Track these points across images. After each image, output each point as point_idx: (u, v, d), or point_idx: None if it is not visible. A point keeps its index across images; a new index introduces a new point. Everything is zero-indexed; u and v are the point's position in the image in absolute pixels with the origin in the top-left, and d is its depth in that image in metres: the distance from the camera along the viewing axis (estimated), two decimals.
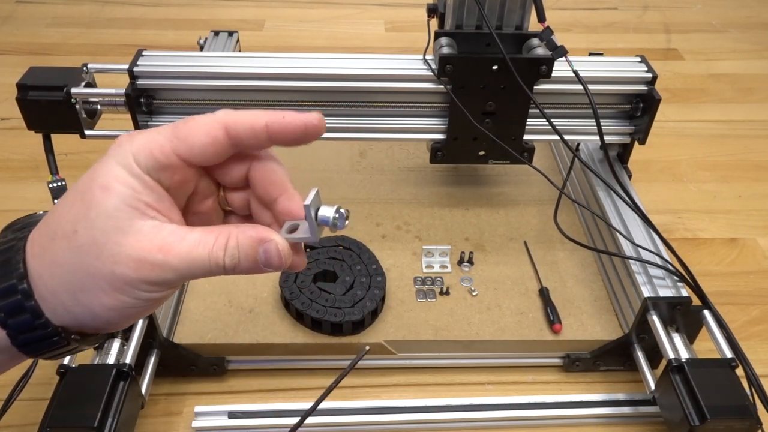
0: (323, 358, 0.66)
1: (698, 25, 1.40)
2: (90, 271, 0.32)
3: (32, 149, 0.94)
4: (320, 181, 0.84)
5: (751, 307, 0.75)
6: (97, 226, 0.32)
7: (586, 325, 0.67)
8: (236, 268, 0.33)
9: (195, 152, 0.33)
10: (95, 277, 0.32)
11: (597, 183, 0.77)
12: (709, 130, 1.07)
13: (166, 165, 0.33)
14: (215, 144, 0.33)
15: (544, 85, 0.70)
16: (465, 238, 0.77)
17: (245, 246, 0.33)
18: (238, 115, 0.33)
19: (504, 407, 0.62)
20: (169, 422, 0.61)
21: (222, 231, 0.33)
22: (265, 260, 0.33)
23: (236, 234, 0.33)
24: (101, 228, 0.32)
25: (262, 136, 0.34)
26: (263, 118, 0.33)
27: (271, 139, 0.34)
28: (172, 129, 0.33)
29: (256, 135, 0.33)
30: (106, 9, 1.37)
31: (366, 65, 0.70)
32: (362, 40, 1.31)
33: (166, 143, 0.33)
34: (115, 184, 0.32)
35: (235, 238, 0.33)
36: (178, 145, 0.33)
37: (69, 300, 0.32)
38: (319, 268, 0.69)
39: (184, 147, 0.33)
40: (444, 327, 0.66)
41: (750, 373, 0.57)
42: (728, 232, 0.86)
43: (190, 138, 0.33)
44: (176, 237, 0.32)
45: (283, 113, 0.34)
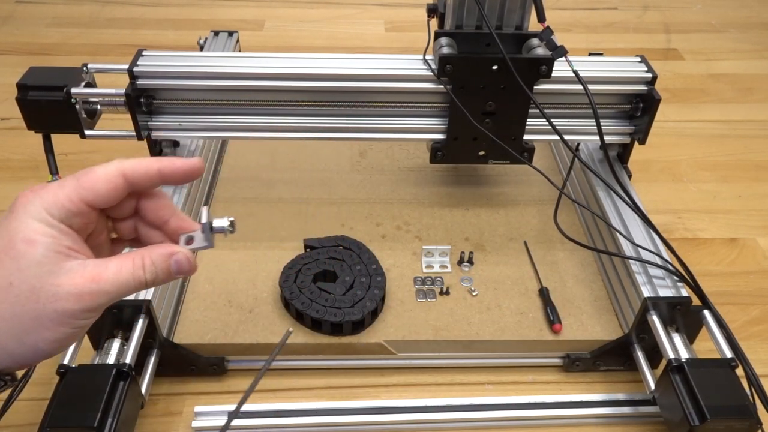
0: (323, 358, 0.66)
1: (698, 25, 1.40)
2: (32, 315, 0.37)
3: (32, 149, 0.94)
4: (320, 181, 0.85)
5: (751, 307, 0.75)
6: (30, 274, 0.37)
7: (586, 325, 0.67)
8: (155, 280, 0.40)
9: (100, 198, 0.39)
10: (39, 319, 0.37)
11: (597, 183, 0.77)
12: (709, 130, 1.07)
13: (75, 212, 0.39)
14: (116, 189, 0.40)
15: (544, 85, 0.70)
16: (465, 238, 0.77)
17: (159, 261, 0.40)
18: (133, 162, 0.40)
19: (504, 407, 0.62)
20: (169, 422, 0.61)
21: (136, 254, 0.40)
22: (177, 269, 0.41)
23: (149, 254, 0.40)
24: (35, 275, 0.37)
25: (156, 179, 0.41)
26: (156, 165, 0.41)
27: (162, 180, 0.41)
28: (77, 181, 0.39)
29: (151, 179, 0.41)
30: (106, 9, 1.38)
31: (366, 65, 0.71)
32: (362, 40, 1.31)
33: (74, 194, 0.39)
34: (37, 236, 0.37)
35: (149, 257, 0.40)
36: (84, 194, 0.39)
37: (14, 345, 0.37)
38: (319, 268, 0.69)
39: (91, 195, 0.39)
40: (444, 327, 0.66)
41: (750, 373, 0.57)
42: (728, 232, 0.86)
43: (95, 186, 0.39)
44: (101, 268, 0.38)
45: (171, 159, 0.41)
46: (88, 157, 0.93)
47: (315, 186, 0.84)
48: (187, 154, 0.78)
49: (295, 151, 0.90)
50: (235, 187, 0.83)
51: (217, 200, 0.81)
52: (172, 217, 0.43)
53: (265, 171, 0.86)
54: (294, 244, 0.74)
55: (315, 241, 0.73)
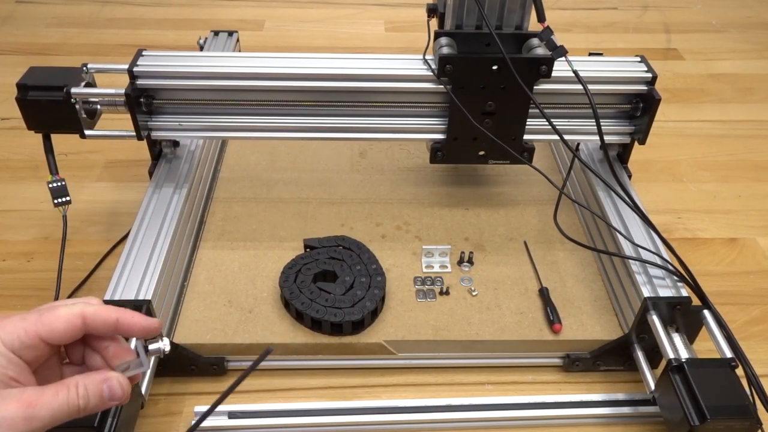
0: (323, 358, 0.66)
1: (698, 25, 1.40)
2: None
3: (32, 149, 0.94)
4: (320, 181, 0.85)
5: (751, 307, 0.75)
6: None
7: (586, 325, 0.67)
8: (88, 406, 0.41)
9: (55, 336, 0.41)
10: None
11: (597, 183, 0.77)
12: (709, 130, 1.07)
13: (29, 345, 0.40)
14: (73, 330, 0.41)
15: (544, 85, 0.70)
16: (465, 238, 0.77)
17: (92, 387, 0.41)
18: (94, 309, 0.42)
19: (504, 407, 0.62)
20: (169, 422, 0.61)
21: (71, 381, 0.41)
22: (109, 395, 0.42)
23: (83, 380, 0.41)
24: None
25: (112, 329, 0.43)
26: (114, 315, 0.42)
27: (117, 331, 0.43)
28: (37, 316, 0.41)
29: (107, 328, 0.42)
30: (106, 9, 1.38)
31: (366, 65, 0.71)
32: (362, 40, 1.31)
33: (32, 328, 0.40)
34: None
35: (83, 384, 0.41)
36: (42, 330, 0.40)
37: None
38: (319, 268, 0.69)
39: (47, 331, 0.41)
40: (444, 327, 0.66)
41: (750, 373, 0.57)
42: (728, 232, 0.86)
43: (54, 325, 0.41)
44: (38, 393, 0.40)
45: (132, 314, 0.43)
46: (88, 157, 0.93)
47: (315, 186, 0.84)
48: (187, 153, 0.78)
49: (295, 151, 0.90)
50: (235, 187, 0.83)
51: (217, 200, 0.81)
52: (112, 344, 0.44)
53: (265, 171, 0.86)
54: (294, 244, 0.74)
55: (315, 241, 0.73)
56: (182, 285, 0.69)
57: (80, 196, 0.85)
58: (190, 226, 0.73)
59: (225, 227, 0.77)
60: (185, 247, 0.71)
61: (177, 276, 0.68)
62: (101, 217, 0.53)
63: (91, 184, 0.89)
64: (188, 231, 0.73)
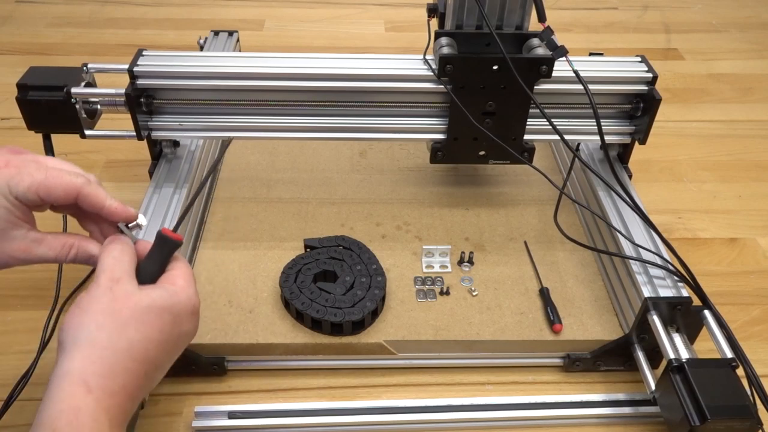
0: (323, 358, 0.65)
1: (698, 25, 1.40)
2: None
3: (32, 149, 0.93)
4: (320, 181, 0.85)
5: (751, 307, 0.75)
6: None
7: (586, 325, 0.67)
8: (73, 261, 0.50)
9: (51, 199, 0.47)
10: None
11: (597, 183, 0.77)
12: (709, 130, 1.07)
13: (30, 198, 0.47)
14: (66, 200, 0.48)
15: (545, 85, 0.70)
16: (465, 238, 0.77)
17: (80, 253, 0.50)
18: (89, 191, 0.48)
19: (504, 407, 0.62)
20: (169, 422, 0.61)
21: (67, 241, 0.50)
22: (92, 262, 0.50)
23: (77, 244, 0.50)
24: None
25: (98, 211, 0.49)
26: (103, 203, 0.48)
27: (103, 215, 0.49)
28: (44, 177, 0.47)
29: (94, 209, 0.49)
30: (106, 9, 1.37)
31: (366, 65, 0.71)
32: (362, 40, 1.31)
33: (34, 185, 0.46)
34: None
35: (76, 247, 0.50)
36: (41, 190, 0.47)
37: None
38: (319, 268, 0.69)
39: (45, 193, 0.47)
40: (444, 327, 0.66)
41: (750, 373, 0.57)
42: (728, 232, 0.86)
43: (53, 190, 0.47)
44: (35, 243, 0.49)
45: (117, 206, 0.49)
46: (88, 157, 0.93)
47: (315, 186, 0.84)
48: (187, 154, 0.78)
49: (295, 151, 0.90)
50: (235, 187, 0.83)
51: (217, 200, 0.81)
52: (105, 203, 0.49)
53: (265, 171, 0.86)
54: (294, 244, 0.74)
55: (315, 241, 0.73)
56: None
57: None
58: (190, 226, 0.73)
59: (225, 227, 0.77)
60: (185, 247, 0.71)
61: None
62: None
63: None
64: (188, 231, 0.73)
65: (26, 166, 0.47)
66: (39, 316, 0.66)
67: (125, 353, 0.42)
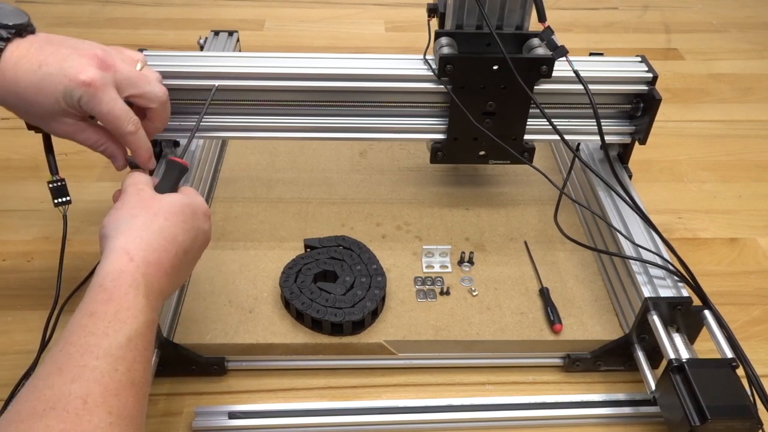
0: (323, 358, 0.65)
1: (698, 25, 1.40)
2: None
3: (32, 149, 0.94)
4: (320, 181, 0.85)
5: (751, 307, 0.75)
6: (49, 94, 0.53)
7: (586, 325, 0.67)
8: (102, 153, 0.60)
9: (97, 118, 0.56)
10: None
11: (597, 183, 0.77)
12: (709, 130, 1.07)
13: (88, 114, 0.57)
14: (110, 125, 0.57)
15: (545, 85, 0.70)
16: (465, 238, 0.77)
17: (109, 149, 0.59)
18: (135, 138, 0.58)
19: (504, 407, 0.62)
20: (169, 422, 0.61)
21: (102, 137, 0.58)
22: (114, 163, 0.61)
23: (108, 144, 0.59)
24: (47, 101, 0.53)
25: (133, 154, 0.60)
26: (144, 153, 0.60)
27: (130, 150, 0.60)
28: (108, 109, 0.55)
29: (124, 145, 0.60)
30: (106, 9, 1.37)
31: (366, 65, 0.70)
32: (362, 40, 1.31)
33: (97, 114, 0.56)
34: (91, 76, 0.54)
35: (107, 145, 0.59)
36: (100, 120, 0.57)
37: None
38: (319, 268, 0.69)
39: (91, 110, 0.55)
40: (444, 327, 0.66)
41: (750, 373, 0.57)
42: (728, 232, 0.86)
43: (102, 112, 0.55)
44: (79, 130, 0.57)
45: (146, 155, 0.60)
46: (88, 157, 0.93)
47: (315, 186, 0.84)
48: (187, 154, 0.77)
49: (295, 151, 0.90)
50: (235, 187, 0.83)
51: (217, 200, 0.81)
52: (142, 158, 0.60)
53: (265, 171, 0.86)
54: (294, 244, 0.74)
55: (315, 241, 0.73)
56: (182, 285, 0.69)
57: (80, 196, 0.85)
58: None
59: (225, 227, 0.77)
60: None
61: None
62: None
63: (92, 184, 0.89)
64: None
65: (104, 92, 0.54)
66: (39, 316, 0.65)
67: (158, 233, 0.50)
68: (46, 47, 0.54)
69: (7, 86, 0.53)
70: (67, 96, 0.53)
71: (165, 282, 0.49)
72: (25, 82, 0.53)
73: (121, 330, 0.44)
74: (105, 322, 0.44)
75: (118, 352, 0.43)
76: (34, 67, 0.53)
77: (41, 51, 0.53)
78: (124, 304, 0.45)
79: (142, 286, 0.47)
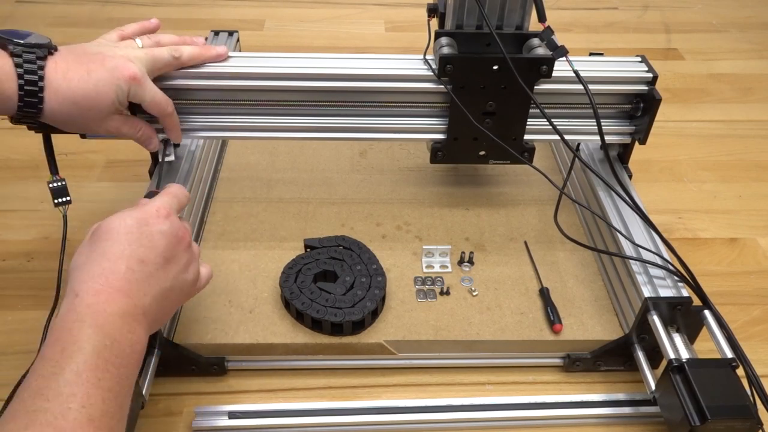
0: (323, 358, 0.65)
1: (698, 25, 1.40)
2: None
3: (32, 149, 0.94)
4: (320, 181, 0.85)
5: (751, 307, 0.75)
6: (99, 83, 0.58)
7: (586, 325, 0.67)
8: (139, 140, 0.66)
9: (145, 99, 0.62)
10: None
11: (597, 183, 0.77)
12: (709, 130, 1.07)
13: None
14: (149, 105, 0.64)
15: (545, 85, 0.70)
16: (465, 238, 0.77)
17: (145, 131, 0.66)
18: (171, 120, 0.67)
19: (504, 407, 0.62)
20: (169, 422, 0.61)
21: (139, 124, 0.65)
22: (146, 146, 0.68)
23: (143, 128, 0.66)
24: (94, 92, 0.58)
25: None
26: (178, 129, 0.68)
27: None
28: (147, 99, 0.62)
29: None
30: (106, 9, 1.38)
31: (366, 65, 0.70)
32: (362, 40, 1.31)
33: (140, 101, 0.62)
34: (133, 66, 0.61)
35: (142, 129, 0.65)
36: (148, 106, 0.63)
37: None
38: (319, 268, 0.69)
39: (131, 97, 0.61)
40: (444, 327, 0.66)
41: (750, 373, 0.57)
42: (728, 232, 0.86)
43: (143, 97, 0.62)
44: (124, 124, 0.63)
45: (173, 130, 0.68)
46: (88, 157, 0.93)
47: (315, 186, 0.84)
48: (187, 154, 0.78)
49: (295, 151, 0.90)
50: (235, 187, 0.83)
51: (217, 200, 0.81)
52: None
53: (265, 171, 0.86)
54: (294, 244, 0.74)
55: (315, 241, 0.73)
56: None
57: (80, 196, 0.85)
58: (190, 226, 0.73)
59: (225, 227, 0.77)
60: None
61: None
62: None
63: (92, 184, 0.89)
64: None
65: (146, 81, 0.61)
66: (39, 316, 0.65)
67: (101, 257, 0.49)
68: (79, 57, 0.58)
69: (64, 99, 0.56)
70: (120, 93, 0.58)
71: (122, 300, 0.47)
72: (81, 90, 0.57)
73: (68, 366, 0.42)
74: (52, 362, 0.43)
75: (66, 389, 0.41)
76: (85, 76, 0.57)
77: (79, 61, 0.57)
78: (68, 340, 0.44)
79: (87, 317, 0.45)
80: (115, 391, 0.44)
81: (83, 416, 0.41)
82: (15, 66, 0.54)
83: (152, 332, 0.52)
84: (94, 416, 0.41)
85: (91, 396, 0.42)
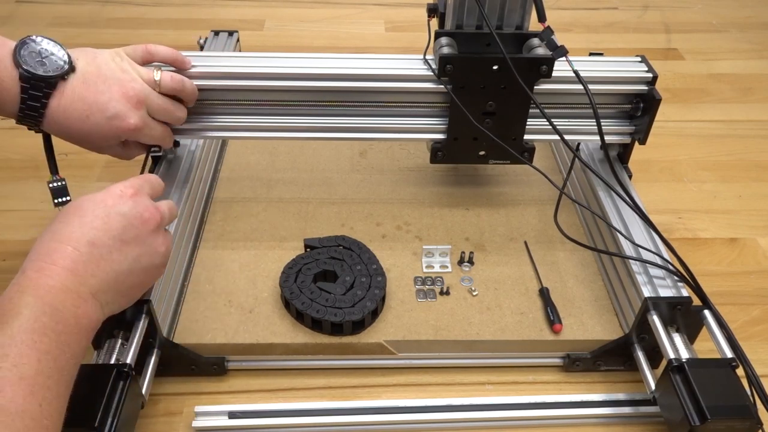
0: (323, 358, 0.66)
1: (698, 25, 1.40)
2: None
3: (32, 149, 0.94)
4: (320, 181, 0.85)
5: (751, 307, 0.75)
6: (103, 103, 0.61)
7: (586, 325, 0.67)
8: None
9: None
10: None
11: (597, 183, 0.77)
12: (709, 130, 1.07)
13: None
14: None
15: (545, 85, 0.70)
16: (465, 238, 0.77)
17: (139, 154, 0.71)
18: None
19: (504, 407, 0.62)
20: (169, 422, 0.61)
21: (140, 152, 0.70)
22: None
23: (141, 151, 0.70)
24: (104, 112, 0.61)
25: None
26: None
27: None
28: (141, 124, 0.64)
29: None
30: (106, 9, 1.37)
31: (366, 65, 0.70)
32: (362, 40, 1.31)
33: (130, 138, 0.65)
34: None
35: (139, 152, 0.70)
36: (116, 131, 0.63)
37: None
38: (319, 268, 0.69)
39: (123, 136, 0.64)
40: (444, 327, 0.66)
41: (750, 373, 0.57)
42: (728, 232, 0.86)
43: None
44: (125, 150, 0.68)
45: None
46: (87, 157, 0.93)
47: (315, 186, 0.84)
48: (187, 153, 0.78)
49: (295, 151, 0.90)
50: (235, 187, 0.83)
51: (217, 200, 0.81)
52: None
53: (265, 171, 0.86)
54: (294, 243, 0.74)
55: (315, 240, 0.73)
56: (182, 285, 0.69)
57: (80, 195, 0.85)
58: (190, 226, 0.73)
59: (225, 227, 0.77)
60: (185, 246, 0.71)
61: (177, 276, 0.68)
62: None
63: (92, 184, 0.89)
64: (188, 231, 0.73)
65: (146, 127, 0.64)
66: None
67: (50, 239, 0.50)
68: (88, 88, 0.59)
69: (59, 130, 0.60)
70: (116, 139, 0.63)
71: (66, 277, 0.48)
72: (76, 130, 0.60)
73: (2, 330, 0.44)
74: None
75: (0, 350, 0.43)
76: (83, 117, 0.59)
77: (83, 100, 0.59)
78: (7, 308, 0.45)
79: (29, 288, 0.47)
80: (54, 354, 0.44)
81: (14, 375, 0.42)
82: (20, 92, 0.57)
83: (113, 313, 0.52)
84: (26, 375, 0.42)
85: (24, 356, 0.43)
